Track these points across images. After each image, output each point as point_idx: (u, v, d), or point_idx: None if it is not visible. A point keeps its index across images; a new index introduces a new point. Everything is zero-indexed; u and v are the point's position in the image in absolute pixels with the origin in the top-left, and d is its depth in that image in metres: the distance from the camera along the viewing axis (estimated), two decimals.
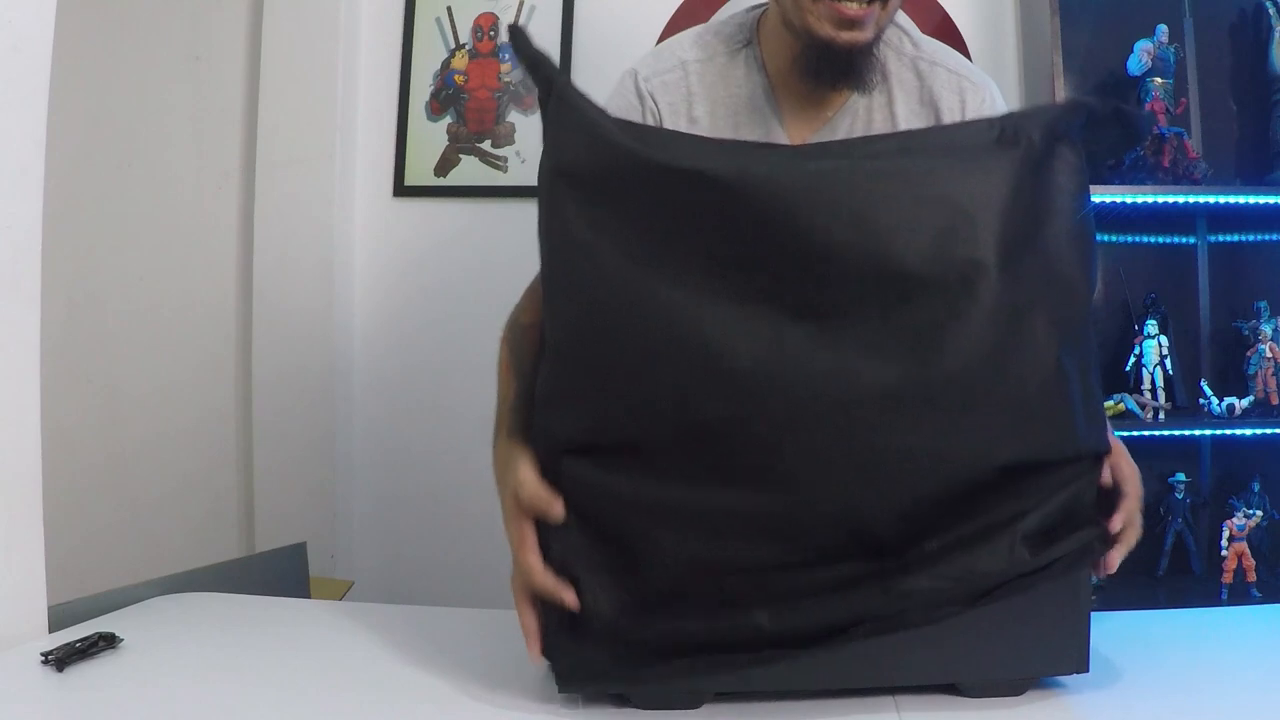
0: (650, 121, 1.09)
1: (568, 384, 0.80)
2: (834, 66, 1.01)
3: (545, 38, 2.20)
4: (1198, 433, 2.00)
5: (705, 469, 0.76)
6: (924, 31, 2.17)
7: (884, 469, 0.75)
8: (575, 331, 0.80)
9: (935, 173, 0.78)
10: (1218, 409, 1.90)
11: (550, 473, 0.80)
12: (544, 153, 0.81)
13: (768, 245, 0.76)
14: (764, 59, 1.10)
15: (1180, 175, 1.92)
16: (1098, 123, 0.81)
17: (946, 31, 2.13)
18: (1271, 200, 1.91)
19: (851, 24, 0.96)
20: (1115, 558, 0.82)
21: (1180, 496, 1.97)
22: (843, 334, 0.75)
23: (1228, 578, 1.87)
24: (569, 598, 0.79)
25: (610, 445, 0.78)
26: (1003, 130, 0.79)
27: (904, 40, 1.12)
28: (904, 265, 0.74)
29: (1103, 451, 0.82)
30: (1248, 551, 1.86)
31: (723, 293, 0.76)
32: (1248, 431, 1.93)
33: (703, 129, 1.08)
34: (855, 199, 0.75)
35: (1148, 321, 1.95)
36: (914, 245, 0.74)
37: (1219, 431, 1.96)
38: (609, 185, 0.78)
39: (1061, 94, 1.89)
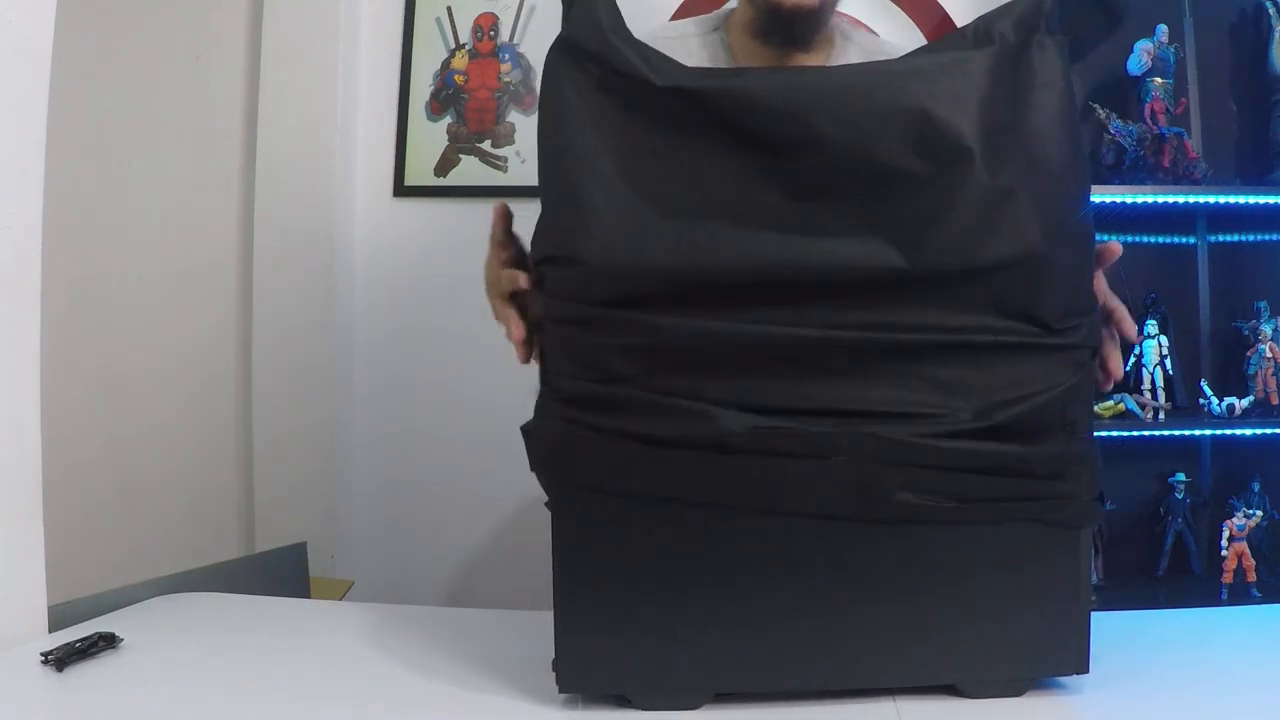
0: None
1: (556, 256, 0.82)
2: (781, 28, 1.13)
3: (545, 38, 2.19)
4: (1198, 433, 2.00)
5: (687, 311, 0.78)
6: (924, 32, 2.19)
7: (863, 344, 0.78)
8: (560, 197, 0.82)
9: (913, 72, 0.80)
10: (1218, 409, 1.90)
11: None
12: (560, 53, 0.85)
13: (755, 143, 0.78)
14: (730, 43, 1.20)
15: (1180, 175, 1.92)
16: (1074, 8, 0.82)
17: (946, 32, 2.13)
18: (1271, 200, 1.91)
19: None
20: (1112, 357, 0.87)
21: (1180, 496, 1.97)
22: (832, 221, 0.77)
23: (1228, 578, 1.87)
24: (521, 276, 0.88)
25: (582, 297, 0.80)
26: (975, 31, 0.82)
27: (868, 38, 1.26)
28: (887, 155, 0.77)
29: (1088, 347, 0.82)
30: (1248, 551, 1.86)
31: (714, 188, 0.79)
32: (1248, 431, 1.93)
33: None
34: (835, 97, 0.78)
35: (1148, 321, 1.96)
36: (895, 136, 0.77)
37: (1219, 431, 1.96)
38: (604, 75, 0.81)
39: None
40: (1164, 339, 1.95)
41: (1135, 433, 1.90)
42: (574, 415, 0.81)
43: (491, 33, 2.23)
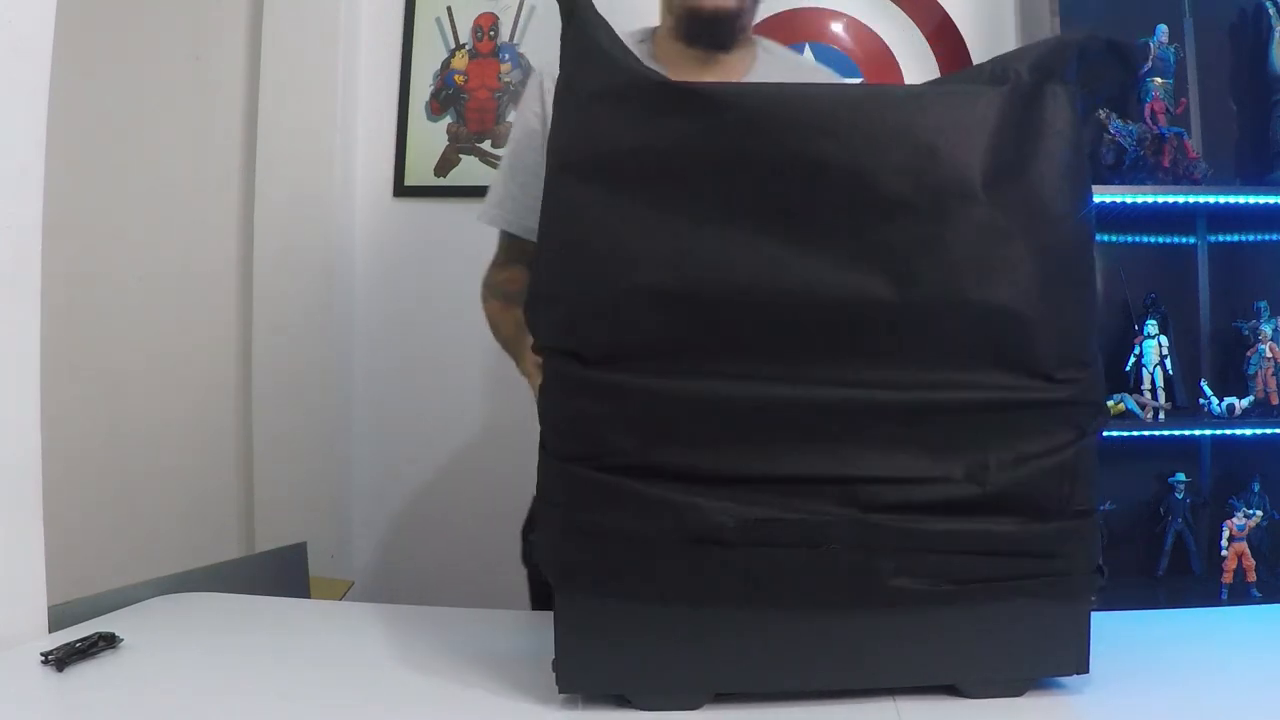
0: (549, 103, 1.18)
1: (549, 288, 0.82)
2: (702, 30, 1.22)
3: (545, 39, 2.20)
4: (1198, 433, 2.00)
5: (678, 366, 0.78)
6: (924, 32, 2.19)
7: (858, 405, 0.77)
8: (564, 239, 0.81)
9: (923, 99, 0.79)
10: (1218, 409, 1.90)
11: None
12: (560, 70, 0.84)
13: (755, 156, 0.77)
14: (656, 53, 1.26)
15: (1180, 175, 1.92)
16: (1092, 59, 0.82)
17: (946, 32, 2.13)
18: (1271, 200, 1.91)
19: None
20: None
21: (1180, 496, 1.97)
22: (825, 245, 0.76)
23: (1228, 578, 1.87)
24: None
25: (583, 349, 0.79)
26: (992, 70, 0.82)
27: (791, 55, 1.38)
28: (886, 183, 0.76)
29: (1087, 403, 0.81)
30: (1248, 551, 1.86)
31: (708, 204, 0.78)
32: (1248, 431, 1.93)
33: None
34: (842, 117, 0.77)
35: (1148, 321, 1.95)
36: (897, 164, 0.76)
37: (1219, 431, 1.96)
38: (610, 103, 0.80)
39: None
40: (1164, 339, 1.95)
41: (1135, 433, 1.90)
42: (570, 521, 0.80)
43: (491, 33, 2.23)
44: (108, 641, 0.94)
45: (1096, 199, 1.84)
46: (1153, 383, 1.94)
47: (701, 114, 0.78)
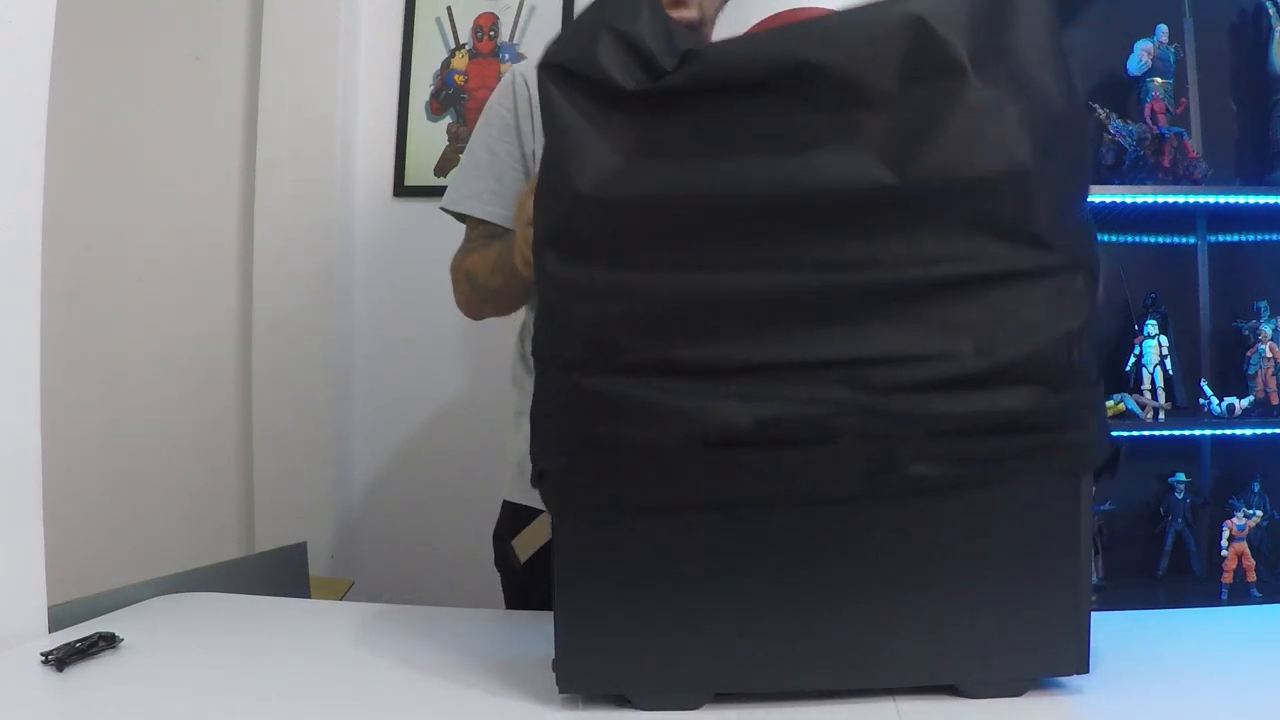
0: (521, 97, 1.29)
1: (547, 185, 0.82)
2: None
3: (544, 38, 2.20)
4: (1198, 433, 2.00)
5: (679, 259, 0.78)
6: None
7: (862, 287, 0.77)
8: (561, 145, 0.81)
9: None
10: (1218, 409, 1.90)
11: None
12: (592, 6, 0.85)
13: (750, 76, 0.78)
14: None
15: (1180, 175, 1.92)
16: None
17: None
18: (1271, 200, 1.91)
19: (677, 4, 1.18)
20: None
21: (1180, 496, 1.97)
22: (815, 141, 0.77)
23: (1228, 578, 1.87)
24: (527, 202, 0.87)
25: (581, 239, 0.80)
26: None
27: None
28: (878, 75, 0.77)
29: (1083, 269, 0.81)
30: (1248, 551, 1.87)
31: (706, 122, 0.79)
32: (1248, 431, 1.93)
33: None
34: (827, 25, 0.79)
35: (1148, 321, 1.96)
36: (887, 56, 0.77)
37: (1219, 431, 1.96)
38: (617, 39, 0.81)
39: None
40: (1164, 339, 1.95)
41: (1135, 433, 1.90)
42: (575, 436, 0.79)
43: (491, 33, 2.23)
44: (108, 641, 0.94)
45: (1097, 199, 1.86)
46: (1153, 383, 1.94)
47: (697, 59, 0.79)
